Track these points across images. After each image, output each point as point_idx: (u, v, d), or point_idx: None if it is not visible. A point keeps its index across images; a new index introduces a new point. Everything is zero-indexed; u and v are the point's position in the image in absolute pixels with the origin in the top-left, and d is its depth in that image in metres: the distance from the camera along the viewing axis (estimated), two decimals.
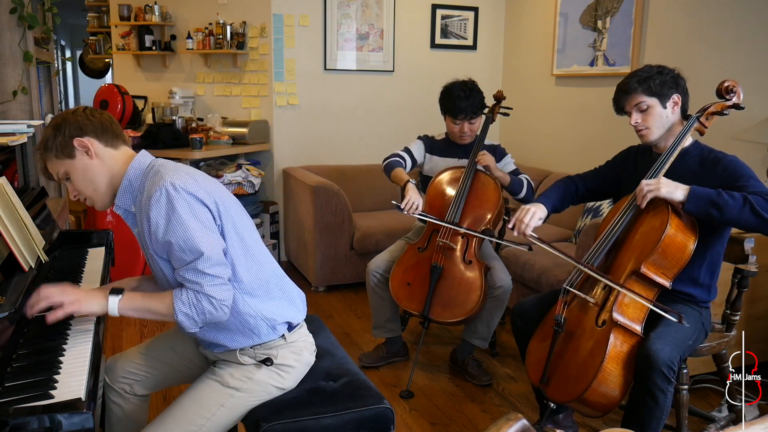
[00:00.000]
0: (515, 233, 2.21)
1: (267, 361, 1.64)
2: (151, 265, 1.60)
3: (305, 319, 1.78)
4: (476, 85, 2.92)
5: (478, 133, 2.97)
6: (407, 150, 3.04)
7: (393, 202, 2.76)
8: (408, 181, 2.79)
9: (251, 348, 1.64)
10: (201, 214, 1.48)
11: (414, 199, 2.68)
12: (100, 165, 1.54)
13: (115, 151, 1.56)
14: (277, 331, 1.65)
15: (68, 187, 1.58)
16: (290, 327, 1.69)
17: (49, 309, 1.44)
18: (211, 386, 1.62)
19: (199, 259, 1.46)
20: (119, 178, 1.56)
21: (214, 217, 1.52)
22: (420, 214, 2.70)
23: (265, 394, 1.65)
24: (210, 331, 1.61)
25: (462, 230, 2.72)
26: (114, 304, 1.49)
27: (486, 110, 2.99)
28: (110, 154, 1.55)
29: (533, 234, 2.18)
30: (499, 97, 3.02)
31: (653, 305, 1.93)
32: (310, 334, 1.78)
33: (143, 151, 1.61)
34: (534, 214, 2.19)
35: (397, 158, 2.97)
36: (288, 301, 1.69)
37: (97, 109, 1.59)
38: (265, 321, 1.62)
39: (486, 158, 2.81)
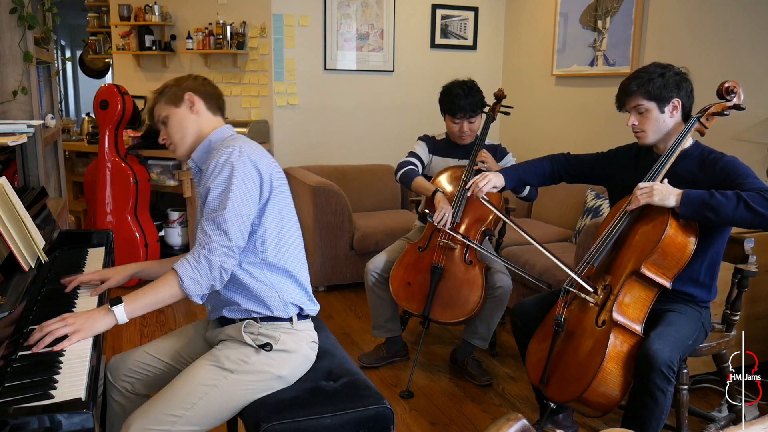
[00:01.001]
0: (469, 194, 2.41)
1: (266, 346, 1.66)
2: (195, 227, 1.79)
3: None
4: (476, 84, 2.92)
5: (479, 133, 2.97)
6: (414, 154, 3.01)
7: (426, 210, 2.76)
8: (436, 190, 2.78)
9: (258, 321, 1.68)
10: (250, 181, 1.62)
11: (447, 212, 2.69)
12: (195, 120, 1.76)
13: (212, 116, 1.80)
14: (288, 311, 1.70)
15: (162, 131, 1.79)
16: (300, 314, 1.73)
17: (54, 342, 1.42)
18: (205, 367, 1.64)
19: (223, 212, 1.57)
20: (204, 137, 1.76)
21: (262, 188, 1.65)
22: (451, 230, 2.68)
23: (260, 381, 1.65)
24: (228, 289, 1.68)
25: (474, 245, 2.71)
26: (121, 313, 1.52)
27: (486, 109, 3.00)
28: (207, 116, 1.79)
29: (485, 197, 2.37)
30: (499, 96, 3.02)
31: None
32: (315, 332, 1.80)
33: (229, 126, 1.82)
34: (489, 181, 2.37)
35: (411, 166, 2.93)
36: (304, 291, 1.77)
37: (210, 81, 1.85)
38: (279, 295, 1.69)
39: (486, 157, 2.80)
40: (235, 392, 1.63)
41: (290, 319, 1.71)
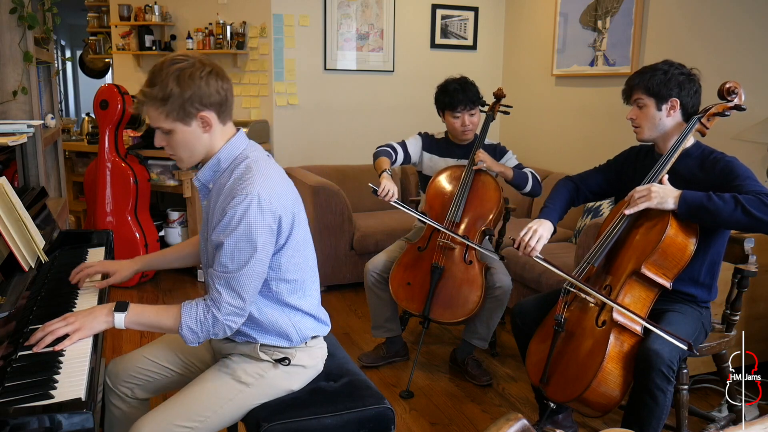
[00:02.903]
0: (520, 254, 2.17)
1: (284, 361, 1.64)
2: (202, 243, 1.66)
3: None
4: (469, 78, 2.94)
5: (478, 132, 2.97)
6: (402, 144, 3.02)
7: (369, 184, 2.76)
8: (384, 170, 2.80)
9: (273, 346, 1.65)
10: (268, 237, 1.50)
11: (389, 186, 2.70)
12: (208, 139, 1.55)
13: (224, 127, 1.57)
14: (303, 338, 1.68)
15: (159, 137, 1.56)
16: (314, 336, 1.72)
17: (55, 342, 1.41)
18: (222, 379, 1.62)
19: (237, 273, 1.48)
20: (214, 153, 1.57)
21: (281, 233, 1.53)
22: (395, 202, 2.70)
23: (273, 394, 1.65)
24: (244, 326, 1.62)
25: (458, 238, 2.73)
26: (120, 321, 1.49)
27: (486, 108, 3.00)
28: (220, 129, 1.56)
29: (539, 256, 2.14)
30: (499, 95, 3.02)
31: (646, 322, 1.93)
32: (325, 343, 1.79)
33: (240, 134, 1.61)
34: (540, 238, 2.14)
35: (388, 149, 2.95)
36: (318, 320, 1.72)
37: (219, 75, 1.52)
38: (296, 330, 1.65)
39: (483, 155, 2.80)
40: (248, 404, 1.63)
41: (305, 342, 1.69)
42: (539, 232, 2.15)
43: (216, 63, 1.56)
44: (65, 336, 1.42)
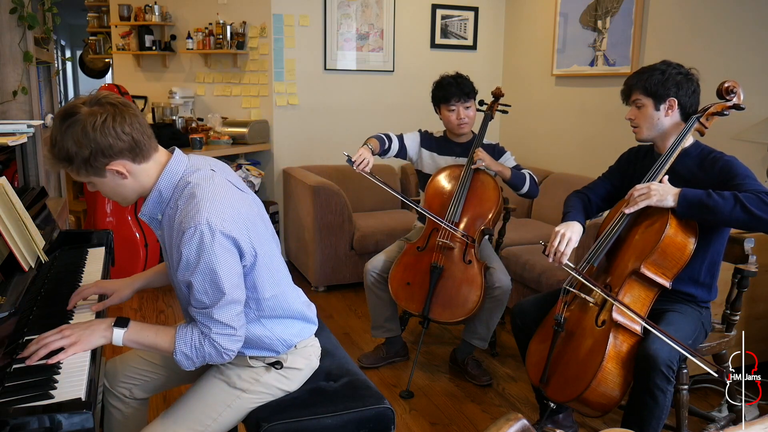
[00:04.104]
0: (551, 261, 2.09)
1: (276, 364, 1.64)
2: (173, 281, 1.57)
3: None
4: (463, 74, 2.96)
5: (476, 130, 2.97)
6: (400, 136, 3.03)
7: (344, 153, 2.77)
8: (366, 143, 2.83)
9: (262, 357, 1.64)
10: (232, 260, 1.43)
11: (365, 155, 2.73)
12: (132, 182, 1.45)
13: (147, 163, 1.45)
14: (290, 344, 1.66)
15: (87, 186, 1.48)
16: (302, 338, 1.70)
17: (50, 354, 1.37)
18: (218, 386, 1.61)
19: (216, 306, 1.43)
20: (149, 189, 1.48)
21: (243, 255, 1.46)
22: (370, 175, 2.73)
23: (270, 396, 1.65)
24: None
25: (458, 233, 2.73)
26: (119, 338, 1.46)
27: (485, 108, 3.01)
28: (143, 168, 1.44)
29: (569, 263, 2.07)
30: (497, 95, 3.03)
31: (645, 322, 1.93)
32: (317, 339, 1.78)
33: (176, 157, 1.50)
34: (570, 242, 2.08)
35: (382, 135, 2.96)
36: (302, 320, 1.69)
37: (118, 117, 1.37)
38: (281, 342, 1.63)
39: (482, 154, 2.80)
40: (247, 408, 1.63)
41: (294, 346, 1.68)
42: (567, 236, 2.09)
43: (116, 100, 1.40)
44: (61, 348, 1.38)
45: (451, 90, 2.88)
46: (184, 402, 1.60)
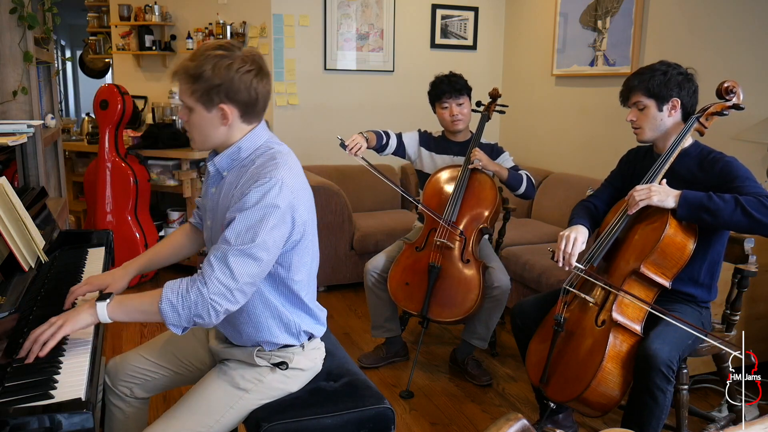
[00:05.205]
0: (560, 265, 2.08)
1: (281, 365, 1.63)
2: (206, 232, 1.65)
3: None
4: (457, 72, 2.99)
5: (473, 130, 2.99)
6: (399, 134, 3.05)
7: (338, 137, 2.77)
8: (362, 132, 2.86)
9: (268, 351, 1.62)
10: (281, 225, 1.46)
11: (358, 139, 2.77)
12: (225, 131, 1.53)
13: (246, 125, 1.55)
14: (300, 339, 1.66)
15: (182, 110, 1.54)
16: (310, 337, 1.70)
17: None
18: (221, 387, 1.60)
19: (238, 249, 1.40)
20: (232, 143, 1.55)
21: (295, 227, 1.50)
22: (363, 159, 2.76)
23: (271, 396, 1.65)
24: (241, 322, 1.59)
25: (456, 230, 2.74)
26: (103, 312, 1.43)
27: (482, 108, 3.02)
28: (241, 127, 1.54)
29: (579, 266, 2.05)
30: (494, 95, 3.05)
31: (651, 308, 1.93)
32: (323, 344, 1.78)
33: (263, 125, 1.58)
34: (576, 242, 2.07)
35: (382, 132, 2.98)
36: (314, 318, 1.69)
37: (259, 75, 1.49)
38: (295, 328, 1.62)
39: (479, 154, 2.81)
40: (249, 408, 1.63)
41: (302, 345, 1.67)
42: (573, 237, 2.08)
43: (264, 64, 1.53)
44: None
45: (442, 87, 2.92)
46: (187, 402, 1.59)
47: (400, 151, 3.05)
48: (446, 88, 2.91)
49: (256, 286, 1.49)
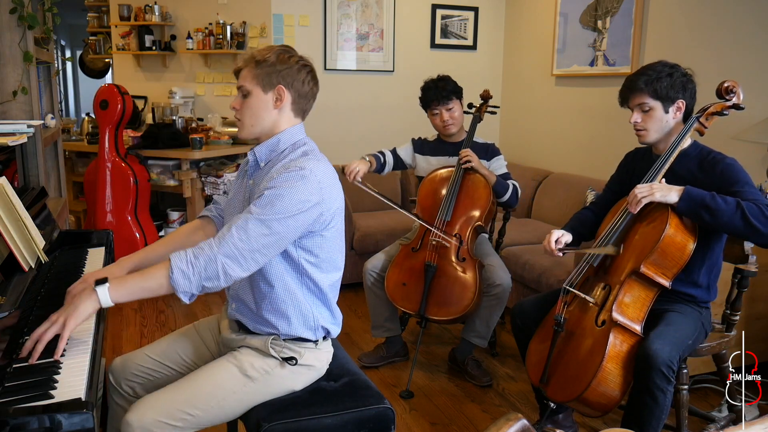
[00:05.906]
0: (547, 252, 2.22)
1: (291, 360, 1.64)
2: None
3: None
4: (447, 76, 3.00)
5: (467, 130, 2.99)
6: (394, 151, 3.11)
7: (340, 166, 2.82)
8: (364, 157, 2.95)
9: (282, 341, 1.65)
10: (307, 212, 1.53)
11: (355, 165, 2.87)
12: (276, 115, 1.65)
13: (292, 117, 1.69)
14: (316, 334, 1.68)
15: (236, 99, 1.67)
16: (325, 336, 1.72)
17: (49, 347, 1.36)
18: (229, 370, 1.62)
19: (259, 215, 1.48)
20: (275, 133, 1.66)
21: (322, 213, 1.57)
22: (360, 183, 2.85)
23: (275, 392, 1.65)
24: (264, 308, 1.63)
25: (449, 237, 2.77)
26: (105, 295, 1.41)
27: (473, 110, 3.03)
28: (288, 116, 1.67)
29: (565, 250, 2.22)
30: (485, 97, 3.08)
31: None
32: (332, 348, 1.79)
33: (301, 125, 1.72)
34: (553, 234, 2.21)
35: (378, 153, 3.06)
36: (333, 316, 1.72)
37: (313, 76, 1.69)
38: (314, 320, 1.65)
39: (470, 156, 2.81)
40: (250, 399, 1.63)
41: (316, 341, 1.69)
42: (554, 234, 2.21)
43: (316, 75, 1.72)
44: (57, 338, 1.36)
45: (429, 95, 2.95)
46: (193, 379, 1.61)
47: (399, 164, 3.12)
48: (433, 96, 2.93)
49: (268, 258, 1.53)
